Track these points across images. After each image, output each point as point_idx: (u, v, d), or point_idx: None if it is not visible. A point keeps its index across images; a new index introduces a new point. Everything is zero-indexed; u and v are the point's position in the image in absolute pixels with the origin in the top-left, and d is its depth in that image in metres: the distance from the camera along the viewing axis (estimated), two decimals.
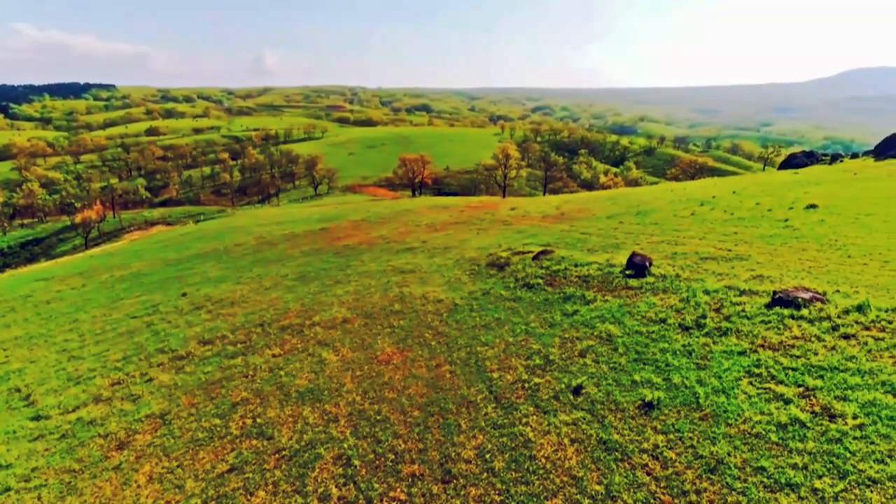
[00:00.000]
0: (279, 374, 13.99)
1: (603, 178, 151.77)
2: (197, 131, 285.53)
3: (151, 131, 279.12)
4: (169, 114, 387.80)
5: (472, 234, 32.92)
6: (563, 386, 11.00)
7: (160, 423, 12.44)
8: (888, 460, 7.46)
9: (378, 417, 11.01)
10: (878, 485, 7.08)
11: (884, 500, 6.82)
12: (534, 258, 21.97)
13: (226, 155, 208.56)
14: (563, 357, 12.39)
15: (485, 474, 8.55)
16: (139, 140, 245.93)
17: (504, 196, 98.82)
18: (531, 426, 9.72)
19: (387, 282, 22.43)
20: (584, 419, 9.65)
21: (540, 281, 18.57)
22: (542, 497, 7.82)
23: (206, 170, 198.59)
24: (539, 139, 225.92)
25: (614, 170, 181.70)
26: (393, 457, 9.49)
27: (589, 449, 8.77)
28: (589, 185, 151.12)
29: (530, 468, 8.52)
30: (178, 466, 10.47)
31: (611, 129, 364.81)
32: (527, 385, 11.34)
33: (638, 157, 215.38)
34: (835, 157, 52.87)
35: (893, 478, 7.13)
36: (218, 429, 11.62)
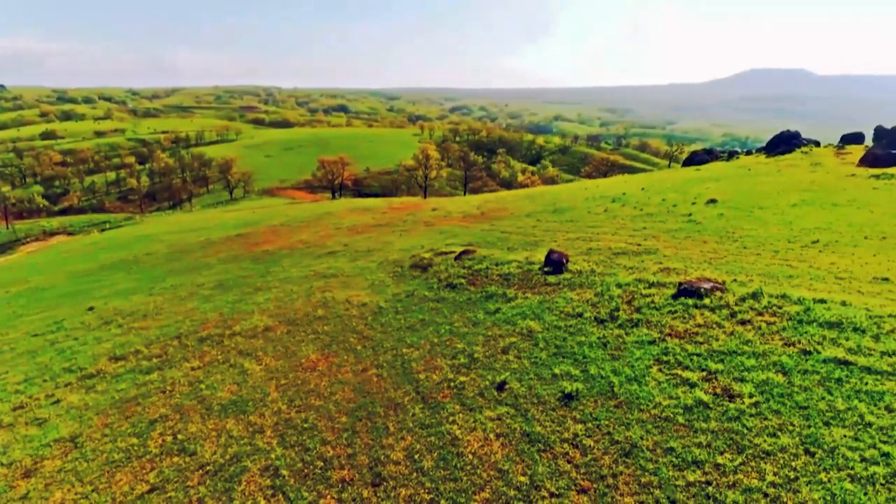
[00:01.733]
0: (200, 387, 13.59)
1: (521, 177, 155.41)
2: (99, 134, 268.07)
3: (48, 135, 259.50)
4: (67, 116, 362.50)
5: (394, 236, 33.02)
6: (487, 383, 11.35)
7: (71, 446, 11.81)
8: (780, 434, 8.23)
9: (305, 425, 10.95)
10: (772, 456, 7.80)
11: (776, 469, 7.53)
12: (456, 258, 22.34)
13: (132, 159, 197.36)
14: (486, 355, 12.75)
15: (414, 474, 8.73)
16: (34, 144, 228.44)
17: (425, 196, 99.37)
18: (458, 424, 9.98)
19: (309, 287, 22.18)
20: (509, 414, 10.02)
21: (463, 281, 18.93)
22: (470, 492, 8.09)
23: (111, 175, 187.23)
24: (458, 139, 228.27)
25: (531, 168, 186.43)
26: (322, 464, 9.50)
27: (513, 442, 9.13)
28: (508, 184, 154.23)
29: (458, 465, 8.77)
30: (93, 491, 10.00)
31: (527, 128, 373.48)
32: (452, 384, 11.61)
33: (554, 156, 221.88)
34: (731, 154, 56.60)
35: (784, 449, 7.88)
36: (135, 448, 11.19)
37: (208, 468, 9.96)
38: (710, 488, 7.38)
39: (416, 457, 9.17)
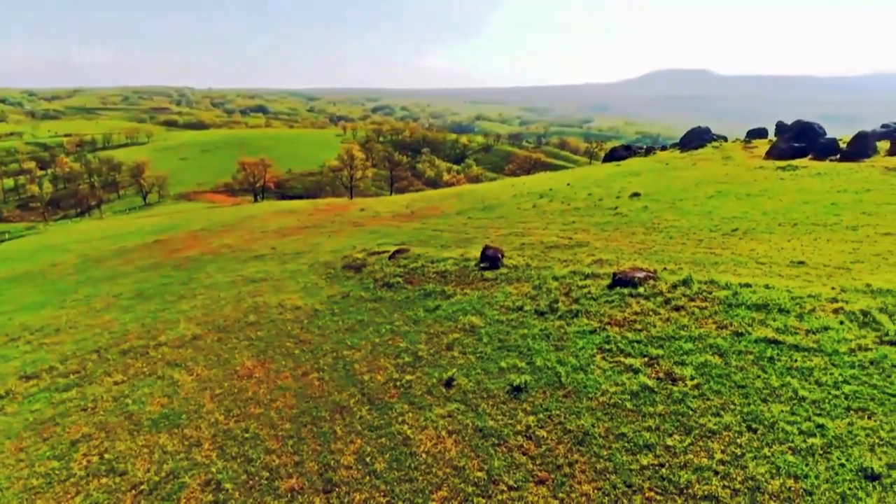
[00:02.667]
0: (125, 402, 12.71)
1: (446, 176, 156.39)
2: None
3: None
4: None
5: (323, 238, 32.33)
6: (434, 380, 11.19)
7: None
8: (722, 413, 8.52)
9: (246, 435, 10.44)
10: (717, 435, 8.06)
11: (723, 447, 7.78)
12: (390, 257, 22.08)
13: (32, 164, 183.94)
14: (431, 352, 12.60)
15: (367, 478, 8.46)
16: None
17: (351, 197, 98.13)
18: (408, 423, 9.78)
19: (238, 292, 21.32)
20: (459, 410, 9.90)
21: (399, 279, 18.71)
22: (427, 492, 7.91)
23: (9, 182, 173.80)
24: (382, 139, 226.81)
25: (456, 167, 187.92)
26: (267, 474, 9.05)
27: (467, 438, 9.02)
28: (433, 183, 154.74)
29: (412, 465, 8.57)
30: None
31: (450, 128, 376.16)
32: (399, 383, 11.38)
33: (477, 155, 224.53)
34: (649, 150, 59.01)
35: (728, 427, 8.16)
36: (57, 472, 10.30)
37: (142, 487, 9.29)
38: (664, 470, 7.53)
39: (368, 459, 8.90)
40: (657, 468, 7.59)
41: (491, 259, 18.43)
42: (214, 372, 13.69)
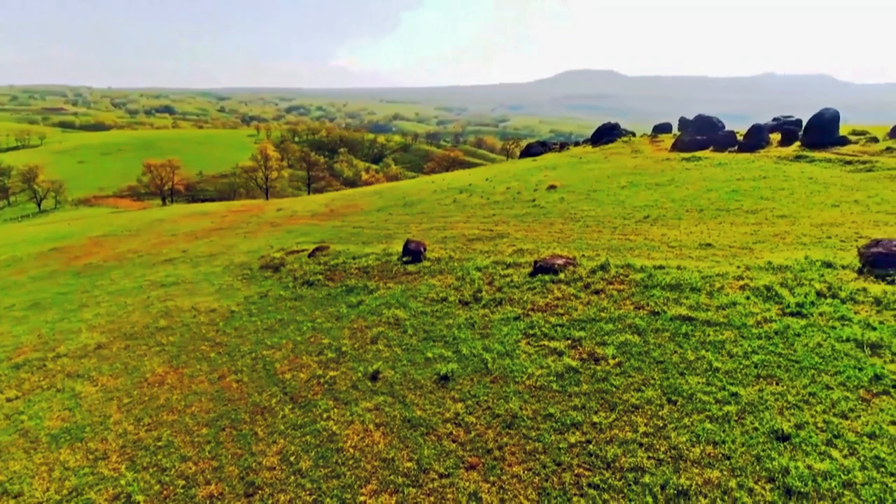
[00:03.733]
0: (20, 419, 11.63)
1: (365, 175, 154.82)
2: None
3: None
4: None
5: (238, 239, 31.12)
6: (359, 374, 10.91)
7: None
8: (643, 388, 8.75)
9: (159, 444, 9.77)
10: (640, 409, 8.26)
11: (646, 420, 7.97)
12: (310, 255, 21.51)
13: None
14: (355, 347, 12.29)
15: (292, 477, 8.08)
16: None
17: (267, 198, 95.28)
18: (333, 419, 9.45)
19: (146, 298, 20.13)
20: (386, 402, 9.68)
21: (320, 277, 18.23)
22: (356, 487, 7.64)
23: None
24: (297, 139, 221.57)
25: (375, 167, 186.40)
26: (183, 482, 8.49)
27: (395, 430, 8.81)
28: (352, 183, 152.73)
29: (339, 461, 8.27)
30: None
31: (367, 127, 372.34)
32: (322, 380, 11.02)
33: (395, 154, 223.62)
34: (563, 146, 60.72)
35: (650, 401, 8.38)
36: None
37: None
38: (591, 446, 7.62)
39: (292, 459, 8.51)
40: (585, 445, 7.68)
41: (413, 253, 18.30)
42: (122, 381, 12.80)
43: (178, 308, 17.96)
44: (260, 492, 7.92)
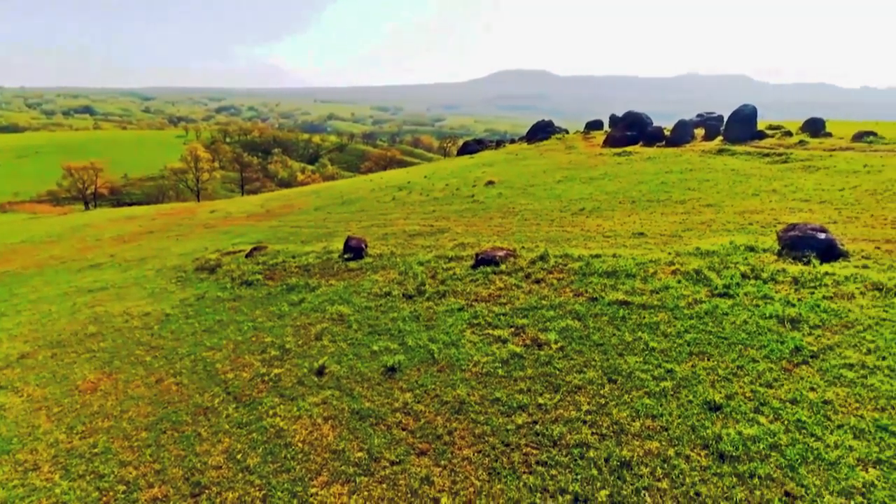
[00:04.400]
0: None
1: (301, 176, 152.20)
2: None
3: None
4: None
5: (170, 242, 30.14)
6: (305, 370, 10.81)
7: None
8: (585, 369, 9.07)
9: (95, 451, 9.38)
10: (583, 389, 8.57)
11: (589, 399, 8.28)
12: (247, 256, 21.07)
13: None
14: (299, 344, 12.16)
15: (240, 475, 7.95)
16: None
17: (199, 200, 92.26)
18: (280, 415, 9.34)
19: (72, 304, 19.24)
20: (334, 396, 9.64)
21: (259, 276, 17.90)
22: (306, 479, 7.59)
23: None
24: (229, 140, 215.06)
25: (310, 167, 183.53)
26: (124, 487, 8.20)
27: (344, 422, 8.79)
28: (287, 184, 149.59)
29: (288, 455, 8.18)
30: None
31: (301, 127, 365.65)
32: (267, 378, 10.85)
33: (331, 154, 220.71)
34: (499, 143, 61.68)
35: (592, 381, 8.70)
36: None
37: None
38: (538, 426, 7.85)
39: (239, 457, 8.37)
40: (531, 425, 7.90)
41: (355, 250, 18.21)
42: (50, 390, 12.21)
43: (109, 313, 17.27)
44: (207, 491, 7.75)
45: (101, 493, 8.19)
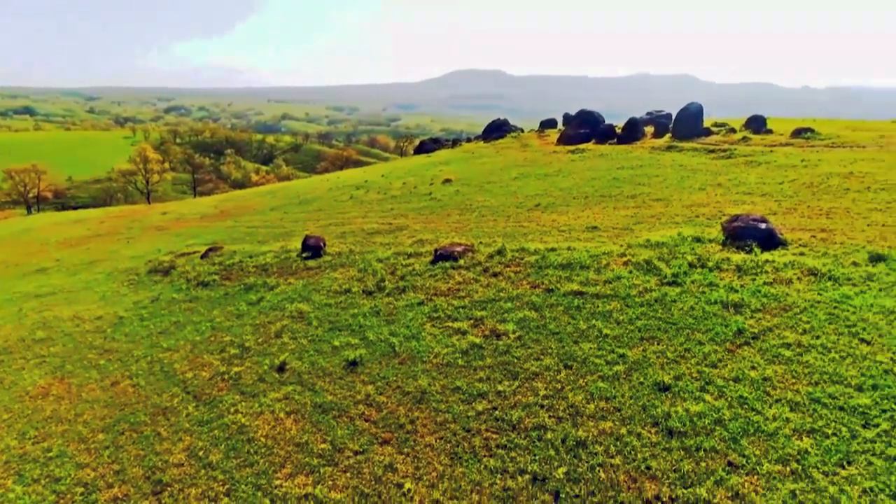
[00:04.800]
0: None
1: (255, 177, 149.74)
2: None
3: None
4: None
5: (121, 245, 29.38)
6: (266, 367, 10.83)
7: None
8: (542, 357, 9.38)
9: (49, 455, 9.23)
10: (540, 376, 8.87)
11: (546, 385, 8.59)
12: (203, 256, 20.80)
13: None
14: (259, 342, 12.16)
15: (203, 471, 7.96)
16: None
17: (149, 202, 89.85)
18: (242, 412, 9.36)
19: (18, 310, 18.70)
20: (296, 391, 9.71)
21: (216, 277, 17.73)
22: (270, 472, 7.67)
23: None
24: (179, 140, 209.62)
25: (265, 168, 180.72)
26: (82, 489, 8.11)
27: (306, 416, 8.88)
28: (241, 185, 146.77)
29: (251, 450, 8.23)
30: None
31: (255, 128, 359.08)
32: (227, 376, 10.84)
33: (286, 155, 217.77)
34: (455, 142, 61.98)
35: (549, 368, 9.01)
36: None
37: None
38: (497, 412, 8.11)
39: (201, 454, 8.38)
40: (492, 411, 8.16)
41: (313, 248, 18.19)
42: None
43: (58, 318, 16.87)
44: (169, 488, 7.75)
45: (57, 496, 8.09)
